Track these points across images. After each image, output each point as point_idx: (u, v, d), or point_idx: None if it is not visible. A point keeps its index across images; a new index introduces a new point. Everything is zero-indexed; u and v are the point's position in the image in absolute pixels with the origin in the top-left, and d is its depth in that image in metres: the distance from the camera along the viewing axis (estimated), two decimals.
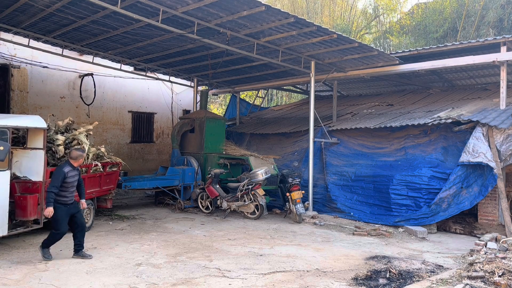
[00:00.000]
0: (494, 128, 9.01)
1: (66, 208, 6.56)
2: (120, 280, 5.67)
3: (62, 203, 6.52)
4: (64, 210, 6.52)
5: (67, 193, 6.55)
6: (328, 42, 10.11)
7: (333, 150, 12.00)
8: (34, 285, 5.40)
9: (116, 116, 15.42)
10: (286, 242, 8.13)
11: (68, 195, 6.59)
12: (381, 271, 6.28)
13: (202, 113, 13.12)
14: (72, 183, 6.59)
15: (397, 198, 9.85)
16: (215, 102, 26.52)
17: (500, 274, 5.52)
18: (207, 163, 12.32)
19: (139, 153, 16.22)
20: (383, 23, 24.60)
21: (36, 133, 7.29)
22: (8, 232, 6.64)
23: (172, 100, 17.07)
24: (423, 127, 10.52)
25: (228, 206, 10.49)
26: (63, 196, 6.51)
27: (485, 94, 12.12)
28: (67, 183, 6.49)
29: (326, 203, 11.31)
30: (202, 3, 8.24)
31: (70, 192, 6.60)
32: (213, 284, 5.55)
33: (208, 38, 9.86)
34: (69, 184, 6.55)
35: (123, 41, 11.57)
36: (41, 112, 12.29)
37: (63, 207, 6.52)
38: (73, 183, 6.60)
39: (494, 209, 9.47)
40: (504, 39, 9.82)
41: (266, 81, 15.14)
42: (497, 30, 18.23)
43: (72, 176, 6.57)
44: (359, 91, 16.78)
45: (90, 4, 8.59)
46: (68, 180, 6.50)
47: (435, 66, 10.95)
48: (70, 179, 6.53)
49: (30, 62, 12.83)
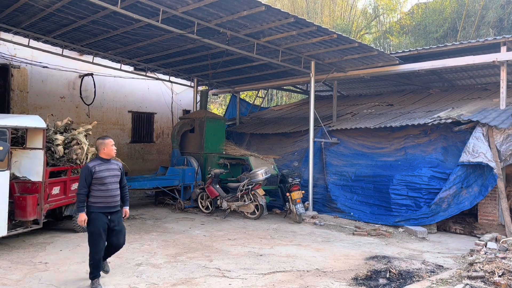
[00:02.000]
0: (494, 128, 9.01)
1: (105, 217, 5.22)
2: (120, 280, 5.67)
3: (98, 208, 5.20)
4: (101, 219, 5.19)
5: (103, 193, 5.21)
6: (328, 42, 10.11)
7: (333, 150, 12.00)
8: (34, 285, 5.40)
9: (116, 116, 15.42)
10: (286, 242, 8.13)
11: (105, 196, 5.22)
12: (381, 271, 6.28)
13: (202, 113, 13.12)
14: (107, 180, 5.23)
15: (397, 198, 9.85)
16: (215, 102, 26.52)
17: (500, 274, 5.52)
18: (207, 163, 12.32)
19: (139, 153, 16.21)
20: (383, 23, 24.60)
21: (36, 133, 7.29)
22: (8, 232, 6.64)
23: (172, 100, 17.07)
24: (423, 127, 10.52)
25: (228, 206, 10.49)
26: (98, 197, 5.21)
27: (485, 94, 12.12)
28: (98, 179, 5.19)
29: (326, 203, 11.30)
30: (202, 3, 8.24)
31: (107, 192, 5.23)
32: (213, 284, 5.55)
33: (208, 38, 9.86)
34: (101, 181, 5.20)
35: (123, 41, 11.57)
36: (41, 112, 12.29)
37: (101, 215, 5.19)
38: (108, 179, 5.24)
39: (494, 209, 9.47)
40: (504, 39, 9.82)
41: (266, 81, 15.14)
42: (497, 30, 18.23)
43: (103, 171, 5.22)
44: (359, 91, 16.78)
45: (90, 4, 8.58)
46: (98, 175, 5.18)
47: (435, 66, 10.95)
48: (100, 174, 5.19)
49: (30, 62, 12.82)
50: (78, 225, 8.20)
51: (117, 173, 5.38)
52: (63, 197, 7.95)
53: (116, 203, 5.34)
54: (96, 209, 5.19)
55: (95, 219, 5.18)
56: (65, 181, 7.97)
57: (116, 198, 5.32)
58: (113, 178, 5.31)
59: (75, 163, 8.24)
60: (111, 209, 5.27)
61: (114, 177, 5.32)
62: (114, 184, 5.30)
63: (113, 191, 5.28)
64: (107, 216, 5.25)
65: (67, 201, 8.06)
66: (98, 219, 5.18)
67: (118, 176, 5.40)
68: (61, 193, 7.86)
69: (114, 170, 5.36)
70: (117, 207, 5.36)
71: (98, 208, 5.19)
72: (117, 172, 5.38)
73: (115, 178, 5.34)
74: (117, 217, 5.35)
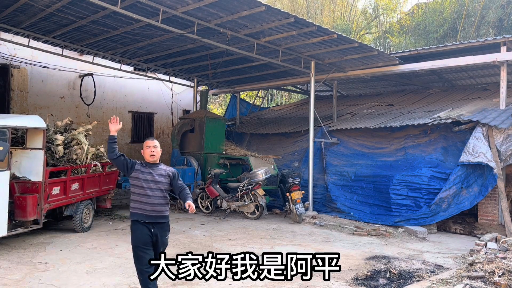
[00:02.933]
0: (494, 128, 9.01)
1: (145, 228, 4.49)
2: (120, 280, 5.66)
3: (135, 215, 4.54)
4: (140, 230, 4.48)
5: (139, 197, 4.55)
6: (328, 42, 10.11)
7: (333, 150, 11.99)
8: (34, 285, 5.40)
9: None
10: (286, 242, 8.13)
11: (142, 202, 4.52)
12: (381, 271, 6.28)
13: (202, 113, 13.12)
14: (146, 184, 4.54)
15: (397, 198, 9.85)
16: (215, 102, 26.50)
17: (500, 274, 5.52)
18: (207, 163, 12.32)
19: (139, 153, 16.16)
20: (383, 23, 24.59)
21: (35, 133, 7.29)
22: (8, 232, 6.64)
23: (172, 100, 17.07)
24: (423, 127, 10.52)
25: (228, 206, 10.48)
26: (134, 202, 4.57)
27: (485, 94, 12.11)
28: (135, 179, 4.58)
29: (326, 203, 11.30)
30: (202, 3, 8.24)
31: (144, 197, 4.52)
32: (213, 284, 5.54)
33: (208, 38, 9.86)
34: (139, 183, 4.56)
35: (123, 41, 11.56)
36: (41, 112, 12.27)
37: (139, 226, 4.49)
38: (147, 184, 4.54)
39: (494, 209, 9.47)
40: (504, 39, 9.82)
41: (266, 81, 15.14)
42: (497, 30, 18.22)
43: (144, 173, 4.59)
44: (359, 91, 16.78)
45: (90, 4, 8.58)
46: (136, 174, 4.58)
47: (435, 66, 10.95)
48: (138, 175, 4.57)
49: (30, 62, 12.82)
50: (78, 225, 8.25)
51: (162, 180, 4.62)
52: (63, 197, 7.94)
53: (158, 213, 4.56)
54: (134, 216, 4.56)
55: (134, 231, 4.53)
56: (65, 181, 7.97)
57: (157, 208, 4.55)
58: (155, 184, 4.58)
59: (75, 163, 8.24)
60: (151, 219, 4.52)
61: (156, 184, 4.58)
62: (155, 191, 4.57)
63: (153, 199, 4.54)
64: (149, 228, 4.50)
65: (67, 201, 8.05)
66: (136, 230, 4.51)
67: (163, 184, 4.62)
68: (61, 193, 7.85)
69: (160, 176, 4.63)
70: (159, 218, 4.57)
71: (135, 215, 4.55)
72: (162, 179, 4.62)
73: (158, 185, 4.59)
74: (159, 231, 4.56)
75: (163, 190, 4.63)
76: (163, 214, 4.62)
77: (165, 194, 4.68)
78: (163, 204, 4.63)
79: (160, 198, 4.60)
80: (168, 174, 4.69)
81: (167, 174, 4.69)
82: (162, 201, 4.62)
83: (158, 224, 4.56)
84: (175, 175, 4.74)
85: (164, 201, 4.65)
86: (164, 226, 4.65)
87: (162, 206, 4.61)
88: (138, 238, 4.47)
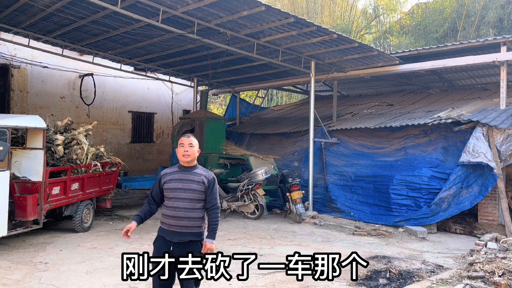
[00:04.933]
0: (494, 128, 9.01)
1: (164, 244, 3.75)
2: (120, 280, 5.65)
3: (161, 230, 3.84)
4: (159, 245, 3.79)
5: (166, 211, 3.80)
6: (328, 42, 10.11)
7: (333, 150, 11.99)
8: (34, 285, 5.40)
9: (116, 116, 15.42)
10: (286, 242, 8.13)
11: (168, 215, 3.77)
12: (381, 271, 6.27)
13: (202, 113, 13.12)
14: (174, 193, 3.77)
15: (397, 198, 9.85)
16: (215, 102, 26.50)
17: (500, 274, 5.52)
18: (207, 163, 12.31)
19: (139, 153, 16.21)
20: (383, 23, 24.60)
21: (36, 133, 7.29)
22: (8, 232, 6.63)
23: (172, 100, 17.08)
24: (423, 127, 10.52)
25: (228, 206, 10.48)
26: (163, 216, 3.84)
27: (485, 94, 12.11)
28: (166, 190, 3.82)
29: (326, 203, 11.30)
30: (202, 3, 8.24)
31: (170, 210, 3.76)
32: (213, 284, 5.54)
33: (208, 38, 9.86)
34: (168, 194, 3.81)
35: (123, 41, 11.56)
36: (41, 112, 12.28)
37: (161, 240, 3.79)
38: (175, 193, 3.77)
39: (494, 209, 9.47)
40: (504, 39, 9.82)
41: (266, 81, 15.14)
42: (497, 30, 18.22)
43: (173, 181, 3.80)
44: (359, 91, 16.78)
45: (90, 4, 8.58)
46: (167, 186, 3.81)
47: (435, 66, 10.95)
48: (169, 185, 3.81)
49: (30, 62, 12.83)
50: (78, 225, 8.24)
51: (195, 187, 3.76)
52: (63, 197, 7.94)
53: (183, 229, 3.71)
54: (159, 230, 3.85)
55: (154, 244, 3.86)
56: (65, 181, 7.97)
57: (182, 222, 3.71)
58: (185, 193, 3.74)
59: (75, 163, 8.24)
60: (171, 236, 3.72)
61: (187, 192, 3.74)
62: (185, 201, 3.73)
63: (180, 211, 3.72)
64: (168, 247, 3.71)
65: (67, 201, 8.05)
66: (154, 243, 3.86)
67: (194, 193, 3.75)
68: (61, 193, 7.85)
69: (192, 182, 3.76)
70: (184, 235, 3.72)
71: (159, 230, 3.84)
72: (195, 186, 3.76)
73: (189, 193, 3.74)
74: (181, 253, 3.62)
75: (194, 200, 3.76)
76: (190, 230, 3.73)
77: (196, 205, 3.77)
78: (192, 218, 3.74)
79: (188, 211, 3.73)
80: (202, 181, 3.78)
81: (201, 181, 3.78)
82: (191, 214, 3.74)
83: (181, 244, 3.69)
84: (210, 183, 3.83)
85: (194, 214, 3.75)
86: (190, 246, 3.69)
87: (190, 220, 3.72)
88: (153, 254, 3.79)
